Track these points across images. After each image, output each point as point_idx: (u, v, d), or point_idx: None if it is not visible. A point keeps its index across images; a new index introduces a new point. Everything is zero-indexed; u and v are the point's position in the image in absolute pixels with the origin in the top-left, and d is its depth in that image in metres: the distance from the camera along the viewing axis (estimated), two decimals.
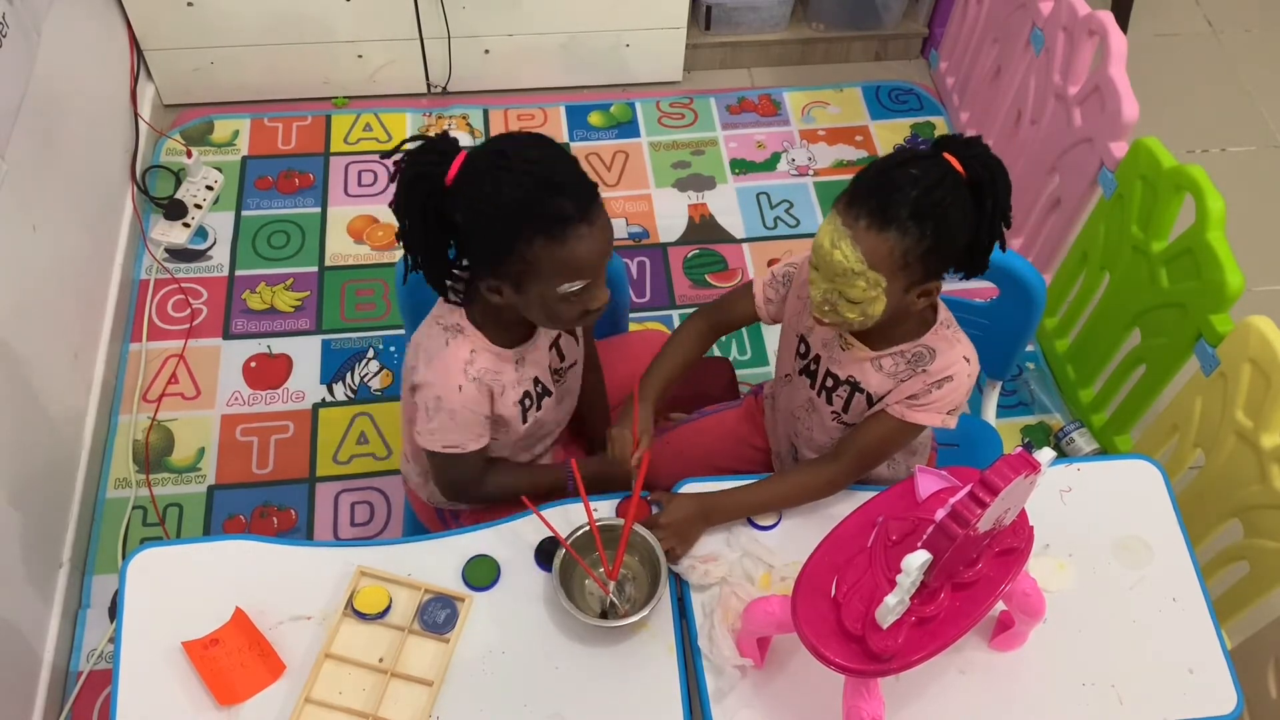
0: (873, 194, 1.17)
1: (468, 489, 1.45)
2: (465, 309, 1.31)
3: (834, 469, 1.39)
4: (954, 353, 1.31)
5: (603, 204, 1.21)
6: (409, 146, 1.21)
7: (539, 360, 1.40)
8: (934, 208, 1.16)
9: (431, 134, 1.23)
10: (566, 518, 1.37)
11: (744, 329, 2.33)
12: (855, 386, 1.37)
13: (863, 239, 1.17)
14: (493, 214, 1.17)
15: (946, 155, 1.19)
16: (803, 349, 1.44)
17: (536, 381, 1.40)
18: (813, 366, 1.42)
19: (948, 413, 1.33)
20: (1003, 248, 1.25)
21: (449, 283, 1.29)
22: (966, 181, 1.18)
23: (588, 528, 1.32)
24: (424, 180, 1.19)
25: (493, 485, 1.44)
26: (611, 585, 1.30)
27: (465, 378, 1.29)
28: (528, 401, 1.39)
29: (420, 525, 1.68)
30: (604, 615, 1.30)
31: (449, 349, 1.30)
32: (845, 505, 1.35)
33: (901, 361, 1.33)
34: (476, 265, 1.26)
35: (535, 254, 1.18)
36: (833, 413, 1.42)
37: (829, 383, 1.40)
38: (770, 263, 2.45)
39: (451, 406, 1.30)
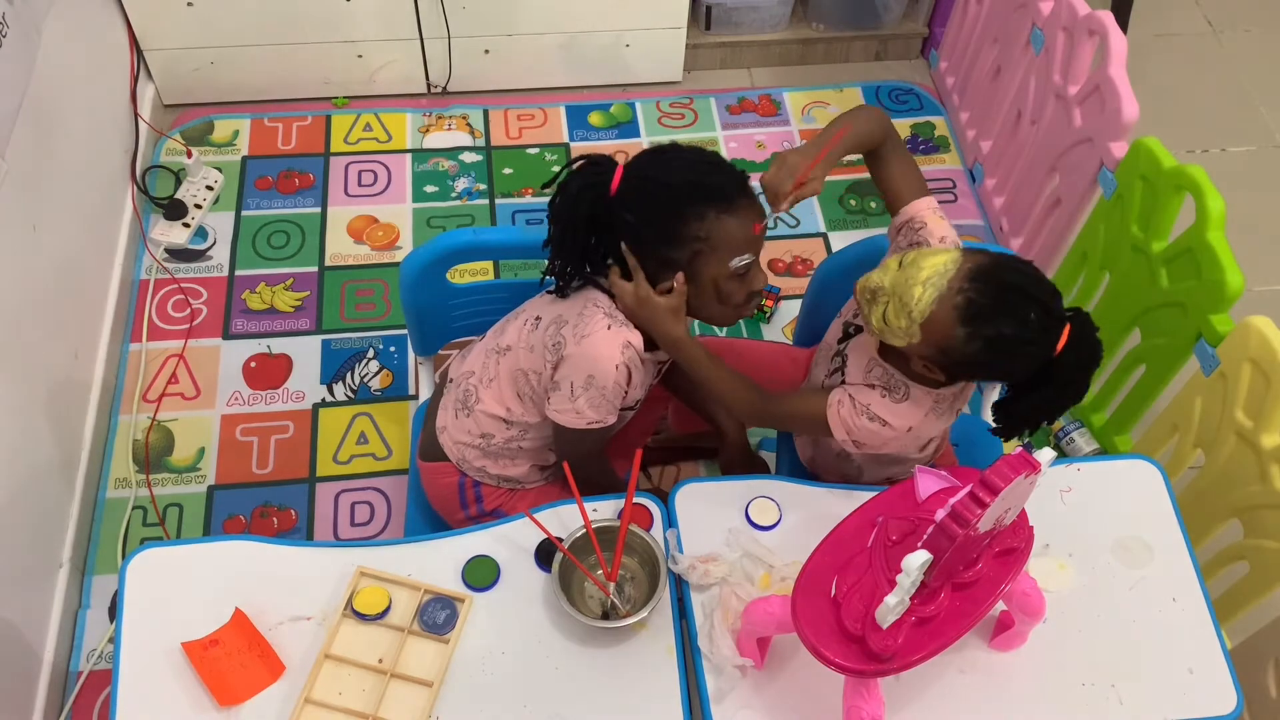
0: (988, 295, 1.17)
1: (590, 460, 1.50)
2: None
3: (758, 401, 1.42)
4: (914, 414, 1.33)
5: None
6: (575, 166, 1.33)
7: (651, 371, 1.46)
8: (1008, 353, 1.19)
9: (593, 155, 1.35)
10: (565, 520, 1.37)
11: (744, 326, 2.35)
12: (845, 362, 1.41)
13: (943, 306, 1.18)
14: (665, 196, 1.28)
15: (1067, 329, 1.20)
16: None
17: (646, 389, 1.47)
18: (851, 330, 1.46)
19: (854, 441, 1.35)
20: (1030, 432, 1.29)
21: (576, 281, 1.40)
22: (1052, 359, 1.20)
23: (584, 530, 1.32)
24: (591, 189, 1.30)
25: (607, 467, 1.54)
26: (611, 586, 1.30)
27: (622, 358, 1.35)
28: (636, 405, 1.46)
29: (420, 522, 1.68)
30: (605, 616, 1.30)
31: (611, 332, 1.35)
32: (845, 505, 1.35)
33: (883, 376, 1.35)
34: (651, 259, 1.32)
35: (708, 227, 1.27)
36: (828, 371, 1.47)
37: (842, 347, 1.44)
38: (772, 263, 2.46)
39: (604, 384, 1.35)
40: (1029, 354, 1.20)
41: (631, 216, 1.30)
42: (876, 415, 1.32)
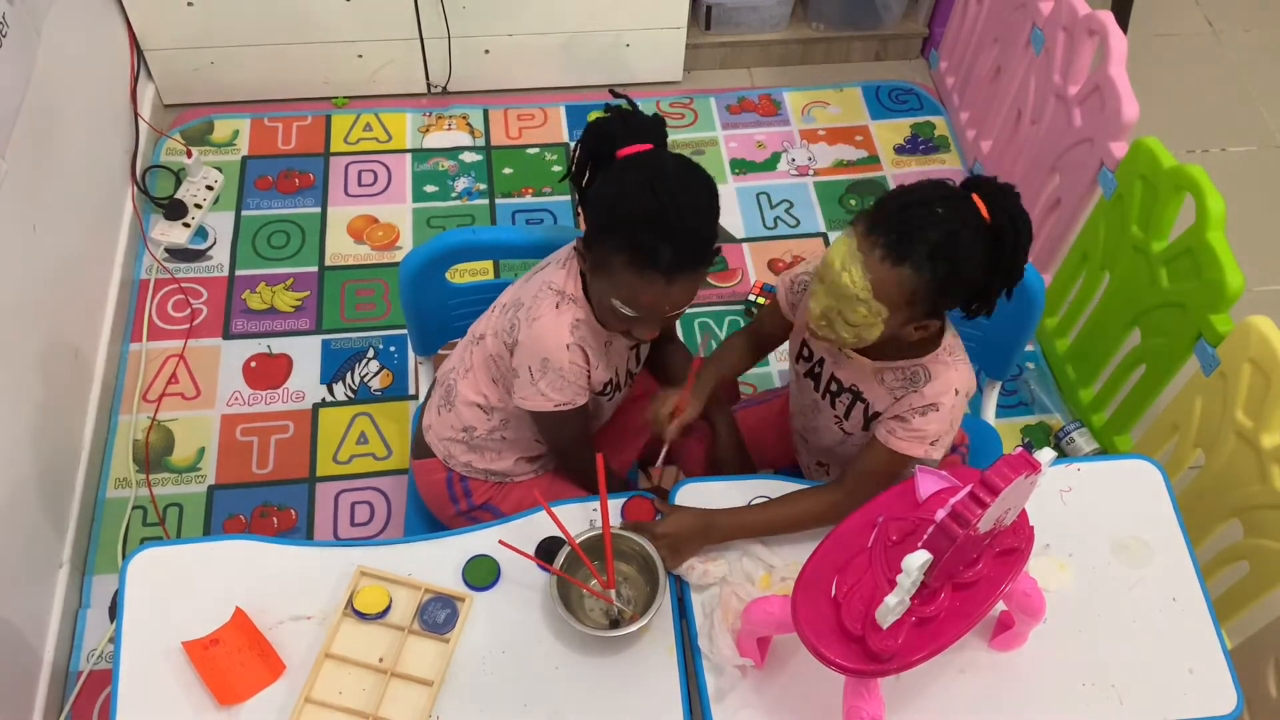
0: (894, 227, 1.16)
1: (576, 443, 1.50)
2: (583, 280, 1.37)
3: (838, 495, 1.36)
4: (947, 380, 1.31)
5: (701, 273, 1.27)
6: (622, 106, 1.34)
7: (621, 353, 1.46)
8: (952, 252, 1.16)
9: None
10: (553, 526, 1.37)
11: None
12: (858, 395, 1.38)
13: (874, 268, 1.17)
14: (609, 206, 1.27)
15: (975, 197, 1.17)
16: (806, 353, 1.45)
17: (618, 372, 1.47)
18: (817, 370, 1.43)
19: (930, 443, 1.32)
20: (1008, 297, 1.24)
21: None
22: (989, 227, 1.17)
23: (589, 530, 1.32)
24: (600, 138, 1.33)
25: (590, 455, 1.51)
26: (612, 594, 1.30)
27: (572, 338, 1.35)
28: (609, 389, 1.46)
29: (420, 522, 1.68)
30: (606, 617, 1.30)
31: (559, 312, 1.35)
32: None
33: (900, 377, 1.33)
34: (587, 227, 1.33)
35: (612, 261, 1.26)
36: (835, 417, 1.43)
37: (833, 387, 1.41)
38: (772, 263, 2.46)
39: (560, 365, 1.35)
40: (967, 238, 1.17)
41: (593, 190, 1.33)
42: (921, 409, 1.30)
